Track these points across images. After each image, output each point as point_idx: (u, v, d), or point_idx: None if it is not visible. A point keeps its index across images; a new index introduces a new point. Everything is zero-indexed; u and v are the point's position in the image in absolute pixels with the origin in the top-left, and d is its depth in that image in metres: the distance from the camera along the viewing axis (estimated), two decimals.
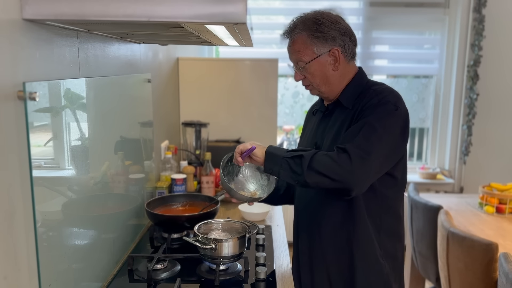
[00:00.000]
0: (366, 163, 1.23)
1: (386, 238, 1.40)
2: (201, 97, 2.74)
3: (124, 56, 1.57)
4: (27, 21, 0.90)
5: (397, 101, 1.33)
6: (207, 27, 1.01)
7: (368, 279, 1.38)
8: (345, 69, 1.40)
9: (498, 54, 3.73)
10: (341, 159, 1.23)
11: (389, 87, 1.39)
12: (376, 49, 3.95)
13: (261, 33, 3.86)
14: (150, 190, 1.90)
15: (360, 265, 1.38)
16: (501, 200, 2.64)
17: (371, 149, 1.24)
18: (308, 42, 1.35)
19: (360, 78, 1.42)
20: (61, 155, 1.09)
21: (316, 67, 1.37)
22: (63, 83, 1.06)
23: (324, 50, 1.35)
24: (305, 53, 1.36)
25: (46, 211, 0.99)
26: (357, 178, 1.23)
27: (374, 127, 1.26)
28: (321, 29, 1.33)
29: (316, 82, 1.40)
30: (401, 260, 1.47)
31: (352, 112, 1.37)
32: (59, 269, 1.05)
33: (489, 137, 3.87)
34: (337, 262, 1.41)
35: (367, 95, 1.35)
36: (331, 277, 1.42)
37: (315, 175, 1.25)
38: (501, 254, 1.73)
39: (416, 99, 4.04)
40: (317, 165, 1.24)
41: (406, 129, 1.34)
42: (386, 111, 1.29)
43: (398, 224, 1.44)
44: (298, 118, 4.21)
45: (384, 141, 1.27)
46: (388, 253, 1.41)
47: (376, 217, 1.38)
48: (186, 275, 1.38)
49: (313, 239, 1.45)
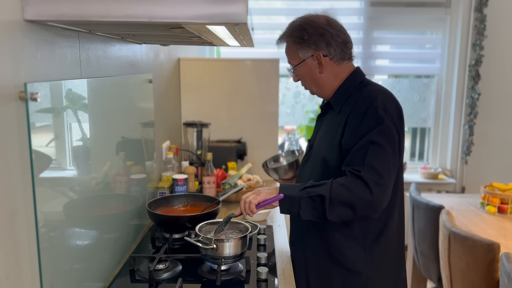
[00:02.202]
0: (382, 187, 1.28)
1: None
2: (202, 97, 2.75)
3: (125, 56, 1.58)
4: (28, 22, 0.91)
5: (384, 101, 1.35)
6: (208, 27, 1.01)
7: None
8: (336, 71, 1.45)
9: (500, 54, 3.73)
10: (359, 189, 1.26)
11: (378, 88, 1.43)
12: (378, 49, 3.94)
13: (263, 33, 3.86)
14: (152, 190, 1.90)
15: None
16: (503, 200, 2.64)
17: (383, 171, 1.28)
18: (294, 48, 1.44)
19: (353, 79, 1.46)
20: (63, 155, 1.09)
21: (304, 70, 1.45)
22: (65, 84, 1.06)
23: (308, 54, 1.42)
24: (293, 57, 1.46)
25: (47, 212, 0.99)
26: (378, 204, 1.28)
27: (378, 146, 1.29)
28: (302, 35, 1.41)
29: (307, 84, 1.49)
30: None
31: (340, 116, 1.41)
32: (61, 269, 1.05)
33: (490, 136, 3.86)
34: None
35: (354, 100, 1.39)
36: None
37: (337, 211, 1.28)
38: (503, 254, 1.72)
39: (417, 98, 4.03)
40: (338, 201, 1.27)
41: (401, 126, 1.38)
42: (380, 120, 1.31)
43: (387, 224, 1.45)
44: (300, 118, 4.21)
45: (391, 156, 1.31)
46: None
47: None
48: (187, 275, 1.38)
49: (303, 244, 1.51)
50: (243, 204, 1.38)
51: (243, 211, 1.39)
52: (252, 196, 1.37)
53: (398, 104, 1.39)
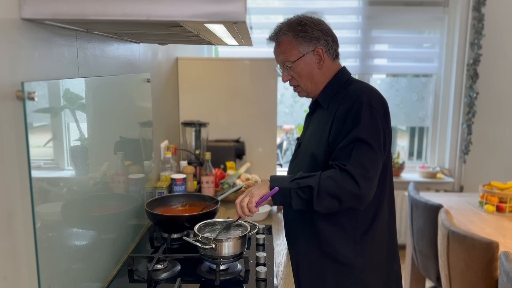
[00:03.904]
0: (368, 180, 1.30)
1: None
2: (201, 96, 2.74)
3: (123, 56, 1.57)
4: (25, 21, 0.90)
5: (370, 97, 1.37)
6: (207, 26, 1.01)
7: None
8: (329, 68, 1.47)
9: (498, 53, 3.73)
10: (346, 181, 1.29)
11: (363, 85, 1.45)
12: (376, 48, 3.94)
13: (261, 33, 3.85)
14: (150, 190, 1.89)
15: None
16: (501, 198, 2.64)
17: (369, 166, 1.31)
18: (294, 42, 1.43)
19: (339, 77, 1.48)
20: (61, 155, 1.09)
21: (302, 66, 1.44)
22: (62, 83, 1.06)
23: (309, 49, 1.43)
24: (291, 53, 1.44)
25: (45, 212, 0.99)
26: (364, 197, 1.31)
27: (363, 142, 1.32)
28: (305, 29, 1.41)
29: (303, 82, 1.48)
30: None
31: (328, 114, 1.43)
32: (59, 270, 1.05)
33: (489, 135, 3.86)
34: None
35: (341, 97, 1.41)
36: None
37: (325, 202, 1.31)
38: (502, 253, 1.72)
39: (415, 98, 4.03)
40: (325, 193, 1.30)
41: (387, 121, 1.39)
42: (366, 116, 1.33)
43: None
44: (298, 117, 4.21)
45: (376, 150, 1.33)
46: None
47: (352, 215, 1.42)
48: (186, 275, 1.37)
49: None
50: (240, 209, 1.39)
51: (241, 215, 1.40)
52: (246, 199, 1.38)
53: (384, 99, 1.41)
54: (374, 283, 1.47)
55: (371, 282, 1.46)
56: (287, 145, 4.89)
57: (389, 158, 1.44)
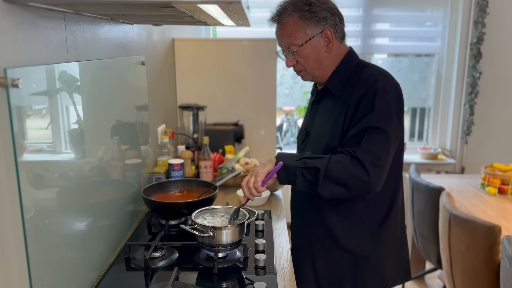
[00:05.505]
0: (378, 168, 1.25)
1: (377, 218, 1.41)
2: (198, 79, 2.68)
3: (115, 38, 1.51)
4: (7, 3, 0.85)
5: (385, 83, 1.31)
6: (200, 6, 0.95)
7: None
8: (337, 51, 1.38)
9: (502, 32, 3.64)
10: (355, 168, 1.23)
11: (377, 69, 1.37)
12: (377, 27, 3.86)
13: (260, 12, 3.76)
14: (147, 175, 1.86)
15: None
16: (503, 180, 2.61)
17: (381, 153, 1.25)
18: (300, 24, 1.31)
19: (349, 61, 1.40)
20: (58, 139, 1.05)
21: (310, 50, 1.34)
22: (51, 68, 1.01)
23: (317, 31, 1.32)
24: (297, 36, 1.32)
25: (38, 199, 0.95)
26: (373, 185, 1.25)
27: (377, 128, 1.26)
28: (313, 9, 1.30)
29: (309, 66, 1.37)
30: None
31: (342, 101, 1.35)
32: (52, 261, 1.02)
33: (491, 116, 3.81)
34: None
35: (354, 83, 1.33)
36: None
37: (330, 188, 1.26)
38: (504, 237, 1.70)
39: (417, 78, 3.97)
40: (332, 178, 1.25)
41: (400, 107, 1.34)
42: (380, 103, 1.27)
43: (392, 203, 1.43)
44: (298, 99, 4.15)
45: (390, 137, 1.27)
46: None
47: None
48: (184, 263, 1.35)
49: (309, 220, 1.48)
50: (247, 190, 1.34)
51: (249, 197, 1.34)
52: (252, 179, 1.33)
53: (398, 85, 1.35)
54: (389, 272, 1.45)
55: (387, 271, 1.44)
56: (287, 127, 4.84)
57: (402, 144, 1.39)
